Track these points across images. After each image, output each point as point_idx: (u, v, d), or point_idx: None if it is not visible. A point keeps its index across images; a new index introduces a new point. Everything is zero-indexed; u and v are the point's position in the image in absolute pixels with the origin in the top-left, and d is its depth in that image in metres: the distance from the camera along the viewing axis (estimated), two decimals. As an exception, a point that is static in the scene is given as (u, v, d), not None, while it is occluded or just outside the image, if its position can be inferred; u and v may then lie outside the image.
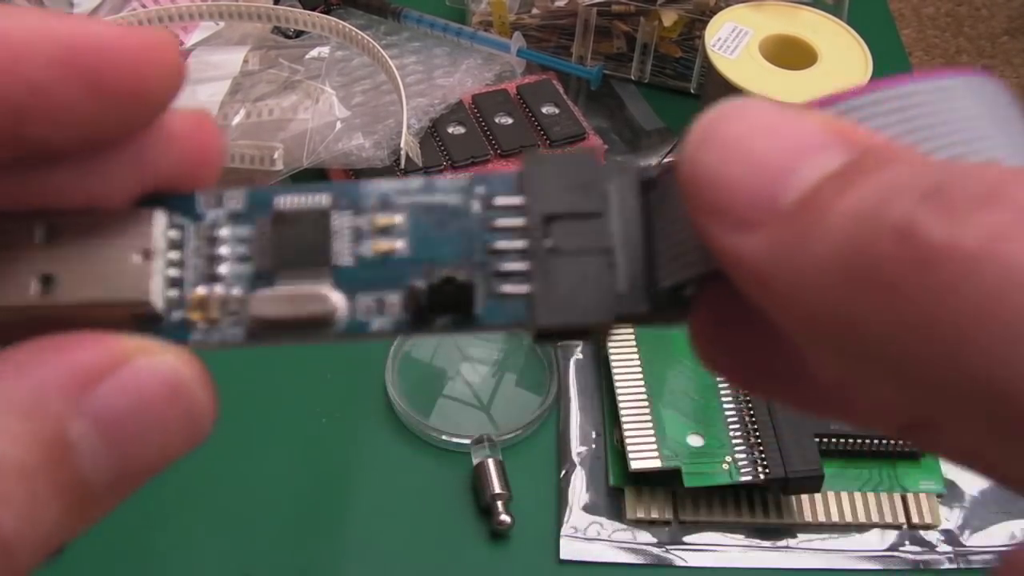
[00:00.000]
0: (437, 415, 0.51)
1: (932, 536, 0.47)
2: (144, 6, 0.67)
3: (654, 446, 0.46)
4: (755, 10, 0.60)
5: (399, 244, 0.18)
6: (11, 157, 0.16)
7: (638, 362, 0.50)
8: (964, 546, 0.47)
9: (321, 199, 0.18)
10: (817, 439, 0.47)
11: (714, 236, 0.14)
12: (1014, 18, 1.61)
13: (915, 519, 0.47)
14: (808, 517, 0.47)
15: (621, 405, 0.48)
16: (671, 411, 0.47)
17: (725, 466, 0.45)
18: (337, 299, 0.18)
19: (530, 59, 0.65)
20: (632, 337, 0.50)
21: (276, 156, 0.55)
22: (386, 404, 0.51)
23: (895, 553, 0.47)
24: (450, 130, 0.60)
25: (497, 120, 0.61)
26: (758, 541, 0.47)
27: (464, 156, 0.59)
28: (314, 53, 0.58)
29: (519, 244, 0.18)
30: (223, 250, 0.18)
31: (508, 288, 0.17)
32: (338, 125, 0.55)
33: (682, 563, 0.46)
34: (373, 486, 0.48)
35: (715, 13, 0.60)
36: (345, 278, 0.18)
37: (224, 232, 0.18)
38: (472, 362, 0.53)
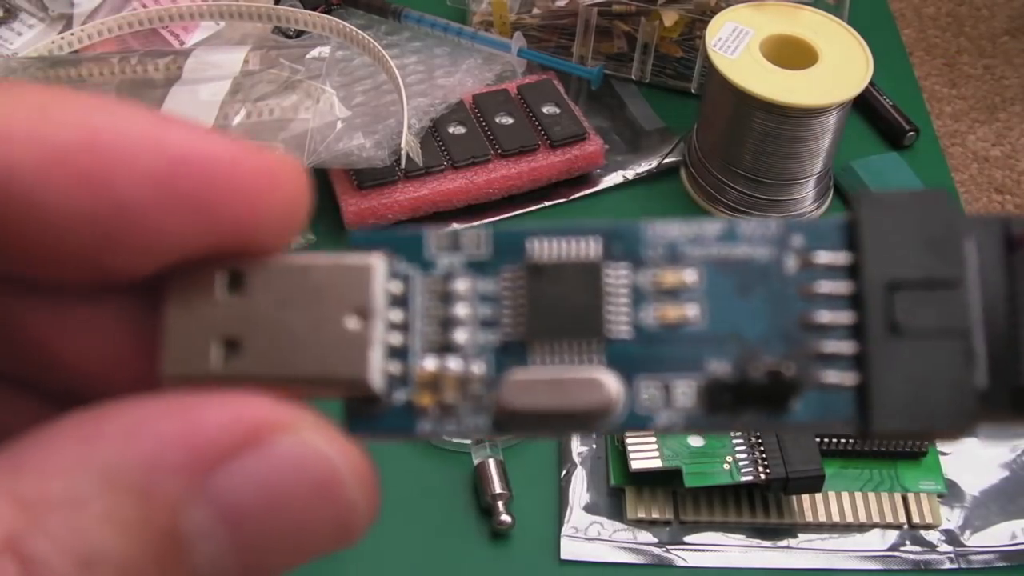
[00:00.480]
0: (438, 415, 0.51)
1: (933, 536, 0.47)
2: (144, 6, 0.67)
3: (655, 446, 0.46)
4: (756, 10, 0.60)
5: (691, 312, 0.14)
6: (77, 283, 0.13)
7: (639, 362, 0.50)
8: (965, 546, 0.47)
9: (590, 246, 0.14)
10: (818, 439, 0.47)
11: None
12: (1015, 18, 1.61)
13: (916, 519, 0.47)
14: (809, 517, 0.47)
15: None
16: (672, 411, 0.47)
17: (726, 466, 0.45)
18: (614, 386, 0.14)
19: (531, 59, 0.65)
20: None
21: (276, 156, 0.54)
22: (387, 404, 0.51)
23: (896, 553, 0.47)
24: (451, 130, 0.60)
25: (498, 120, 0.61)
26: (759, 541, 0.47)
27: (465, 156, 0.59)
28: (314, 53, 0.58)
29: (847, 318, 0.14)
30: (460, 311, 0.14)
31: (833, 377, 0.14)
32: (339, 125, 0.55)
33: (683, 563, 0.46)
34: (374, 486, 0.48)
35: (716, 13, 0.60)
36: (621, 356, 0.14)
37: (461, 287, 0.14)
38: (473, 362, 0.53)
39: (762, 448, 0.46)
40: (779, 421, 0.14)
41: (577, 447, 0.49)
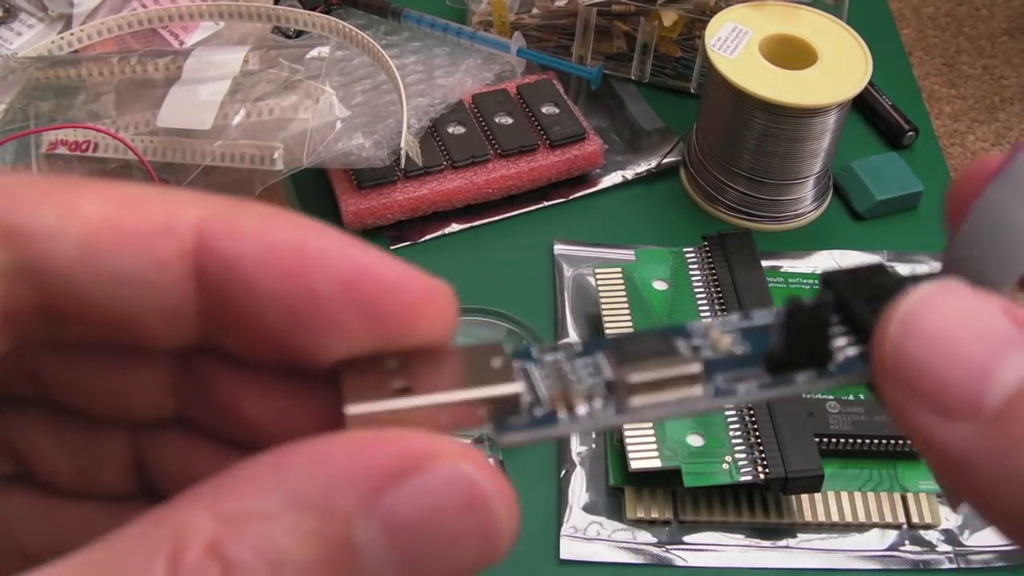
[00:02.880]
0: (437, 415, 0.51)
1: (932, 536, 0.47)
2: (144, 6, 0.67)
3: (654, 446, 0.46)
4: (755, 10, 0.60)
5: (738, 350, 0.19)
6: (267, 361, 0.16)
7: (638, 362, 0.50)
8: (964, 546, 0.47)
9: (656, 330, 0.19)
10: (817, 439, 0.47)
11: (912, 415, 0.16)
12: (1014, 18, 1.61)
13: (915, 519, 0.47)
14: (808, 517, 0.47)
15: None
16: (671, 411, 0.47)
17: (725, 466, 0.45)
18: (697, 366, 0.18)
19: (530, 59, 0.65)
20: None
21: (276, 156, 0.55)
22: (386, 404, 0.51)
23: (895, 553, 0.47)
24: (450, 130, 0.60)
25: (497, 120, 0.61)
26: (758, 541, 0.47)
27: (464, 156, 0.59)
28: (314, 53, 0.58)
29: (844, 329, 0.19)
30: (572, 376, 0.18)
31: (852, 351, 0.18)
32: (338, 125, 0.55)
33: (682, 563, 0.46)
34: (373, 486, 0.48)
35: (715, 13, 0.60)
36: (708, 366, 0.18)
37: (568, 366, 0.18)
38: (472, 362, 0.53)
39: (761, 448, 0.46)
40: (825, 376, 0.18)
41: (576, 447, 0.49)
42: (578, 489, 0.48)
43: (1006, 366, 0.16)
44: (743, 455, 0.46)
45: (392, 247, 0.58)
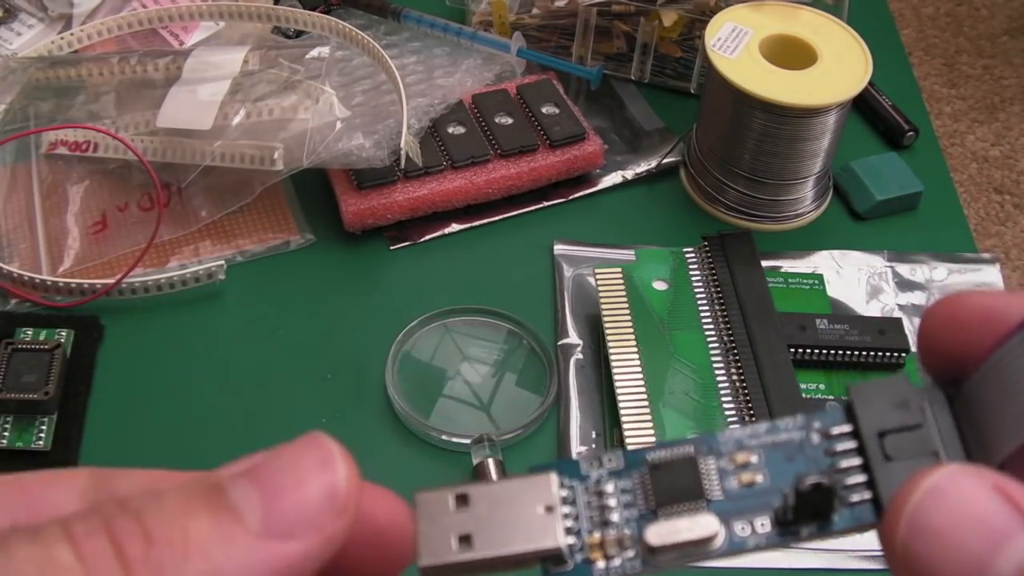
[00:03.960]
0: (437, 415, 0.51)
1: (932, 536, 0.47)
2: (144, 6, 0.67)
3: (652, 443, 0.46)
4: (755, 10, 0.60)
5: (759, 477, 0.21)
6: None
7: (638, 362, 0.50)
8: (964, 546, 0.47)
9: (687, 449, 0.22)
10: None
11: None
12: (1014, 18, 1.61)
13: (915, 519, 0.47)
14: (808, 517, 0.47)
15: (621, 405, 0.48)
16: (671, 411, 0.47)
17: (725, 466, 0.45)
18: (716, 523, 0.21)
19: (530, 59, 0.65)
20: (632, 337, 0.50)
21: (276, 156, 0.54)
22: (386, 404, 0.51)
23: (895, 553, 0.47)
24: (450, 130, 0.60)
25: (497, 120, 0.61)
26: (758, 541, 0.47)
27: (464, 156, 0.59)
28: (314, 53, 0.58)
29: (857, 461, 0.21)
30: (611, 500, 0.21)
31: (856, 497, 0.21)
32: (338, 125, 0.55)
33: (682, 563, 0.46)
34: (373, 486, 0.48)
35: (715, 13, 0.60)
36: (717, 508, 0.21)
37: (609, 487, 0.21)
38: (472, 362, 0.53)
39: (761, 448, 0.46)
40: (827, 530, 0.21)
41: (576, 447, 0.49)
42: (578, 489, 0.48)
43: (1003, 556, 0.17)
44: (743, 455, 0.46)
45: (392, 247, 0.58)
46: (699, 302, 0.52)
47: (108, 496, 0.21)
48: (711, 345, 0.50)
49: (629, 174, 0.63)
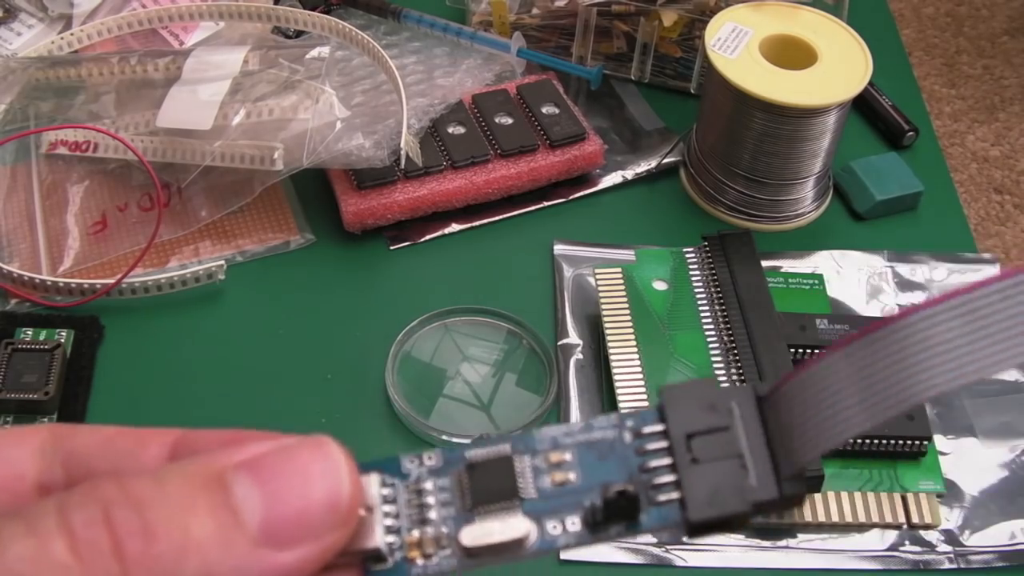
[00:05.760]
0: (437, 415, 0.51)
1: (932, 536, 0.47)
2: (144, 6, 0.67)
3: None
4: (755, 10, 0.60)
5: (572, 475, 0.22)
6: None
7: (638, 362, 0.50)
8: (964, 546, 0.47)
9: (504, 448, 0.22)
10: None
11: None
12: (1014, 18, 1.61)
13: (915, 519, 0.47)
14: (808, 517, 0.47)
15: (621, 405, 0.48)
16: (671, 411, 0.47)
17: (725, 466, 0.45)
18: (528, 525, 0.21)
19: (530, 59, 0.65)
20: (632, 337, 0.50)
21: (276, 156, 0.54)
22: (386, 404, 0.51)
23: (895, 553, 0.47)
24: (450, 130, 0.60)
25: (497, 120, 0.61)
26: (758, 541, 0.47)
27: (464, 156, 0.59)
28: (314, 53, 0.58)
29: (667, 461, 0.22)
30: (430, 499, 0.22)
31: (663, 497, 0.21)
32: (338, 125, 0.55)
33: (682, 563, 0.46)
34: (373, 486, 0.48)
35: (715, 13, 0.60)
36: (531, 508, 0.22)
37: (428, 484, 0.22)
38: (472, 362, 0.53)
39: (761, 448, 0.46)
40: (636, 530, 0.22)
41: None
42: (578, 489, 0.48)
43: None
44: (743, 455, 0.46)
45: (392, 247, 0.58)
46: (699, 302, 0.52)
47: (66, 453, 0.21)
48: (711, 345, 0.50)
49: (629, 174, 0.63)
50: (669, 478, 0.21)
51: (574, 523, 0.21)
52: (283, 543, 0.19)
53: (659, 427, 0.22)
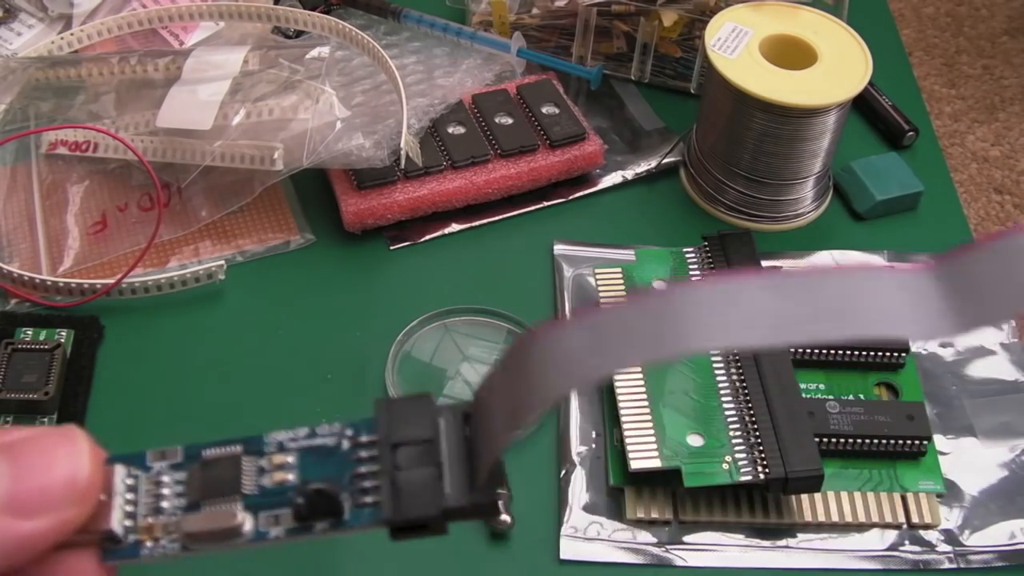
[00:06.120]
0: (437, 415, 0.51)
1: (932, 536, 0.47)
2: (144, 6, 0.67)
3: (654, 446, 0.46)
4: (755, 10, 0.60)
5: (291, 476, 0.25)
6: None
7: (638, 362, 0.49)
8: (964, 546, 0.47)
9: (236, 448, 0.25)
10: (817, 439, 0.47)
11: None
12: (1014, 18, 1.61)
13: (915, 519, 0.47)
14: (808, 517, 0.47)
15: (621, 405, 0.48)
16: (671, 411, 0.47)
17: (725, 466, 0.45)
18: (243, 516, 0.24)
19: (530, 59, 0.65)
20: (632, 337, 0.50)
21: (276, 156, 0.54)
22: (386, 404, 0.51)
23: (895, 553, 0.47)
24: (450, 130, 0.60)
25: (497, 120, 0.61)
26: (758, 541, 0.47)
27: (464, 156, 0.59)
28: (314, 53, 0.58)
29: (375, 467, 0.24)
30: (165, 490, 0.25)
31: (368, 499, 0.24)
32: (338, 125, 0.55)
33: (682, 563, 0.46)
34: (373, 486, 0.48)
35: (715, 13, 0.60)
36: (252, 502, 0.25)
37: (166, 478, 0.25)
38: (472, 362, 0.53)
39: (761, 448, 0.46)
40: (341, 527, 0.24)
41: (576, 447, 0.49)
42: (578, 489, 0.48)
43: None
44: (743, 455, 0.46)
45: (392, 247, 0.58)
46: (699, 302, 0.52)
47: None
48: (711, 345, 0.50)
49: (629, 174, 0.63)
50: (375, 482, 0.24)
51: (286, 518, 0.24)
52: (26, 513, 0.21)
53: (373, 436, 0.25)
